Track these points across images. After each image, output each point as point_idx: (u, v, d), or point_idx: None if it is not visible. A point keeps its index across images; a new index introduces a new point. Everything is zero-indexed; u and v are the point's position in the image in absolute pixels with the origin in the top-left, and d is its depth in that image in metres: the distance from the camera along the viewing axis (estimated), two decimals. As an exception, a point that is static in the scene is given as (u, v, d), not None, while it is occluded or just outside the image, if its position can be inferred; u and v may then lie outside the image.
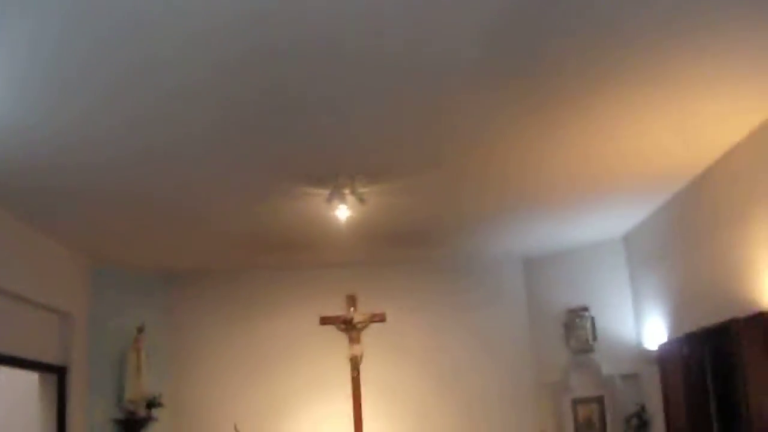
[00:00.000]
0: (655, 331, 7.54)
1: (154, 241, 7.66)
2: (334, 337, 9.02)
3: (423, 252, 8.71)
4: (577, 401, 8.52)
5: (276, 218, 6.93)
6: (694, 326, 6.49)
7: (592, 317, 8.48)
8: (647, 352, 7.69)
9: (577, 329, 8.55)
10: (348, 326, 9.02)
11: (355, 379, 8.95)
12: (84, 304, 7.83)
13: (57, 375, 7.24)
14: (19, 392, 7.33)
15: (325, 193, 6.05)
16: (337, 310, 9.03)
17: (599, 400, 8.37)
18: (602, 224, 7.81)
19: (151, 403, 8.28)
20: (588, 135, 5.30)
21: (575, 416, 8.50)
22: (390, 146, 5.42)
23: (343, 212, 6.26)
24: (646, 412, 7.84)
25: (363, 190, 6.03)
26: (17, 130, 4.63)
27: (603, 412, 8.32)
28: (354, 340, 9.02)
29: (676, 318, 7.07)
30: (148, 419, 8.30)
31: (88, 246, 7.53)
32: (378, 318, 9.03)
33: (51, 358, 7.18)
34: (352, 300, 9.10)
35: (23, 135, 4.71)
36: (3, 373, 6.83)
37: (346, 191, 6.00)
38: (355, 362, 8.97)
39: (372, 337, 9.04)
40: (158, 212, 6.67)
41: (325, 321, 9.00)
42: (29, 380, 7.14)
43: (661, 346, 7.29)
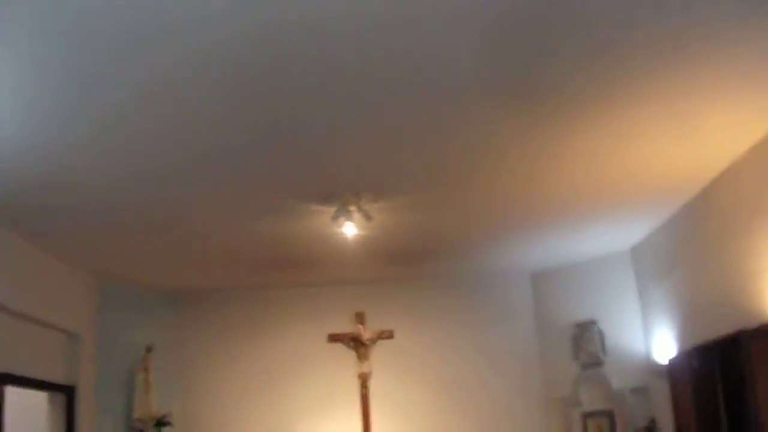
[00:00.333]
0: (664, 344, 7.51)
1: (161, 260, 7.67)
2: (343, 354, 9.02)
3: (430, 268, 8.71)
4: (587, 415, 8.48)
5: (283, 236, 6.93)
6: (703, 338, 6.46)
7: (601, 331, 8.45)
8: (656, 365, 7.66)
9: (586, 343, 8.52)
10: (356, 343, 9.04)
11: (364, 396, 8.94)
12: (91, 323, 7.83)
13: (65, 394, 7.23)
14: (28, 412, 7.30)
15: (331, 210, 6.06)
16: (345, 327, 9.04)
17: (609, 414, 8.32)
18: (610, 237, 7.80)
19: (160, 422, 8.26)
20: (594, 148, 5.30)
21: (585, 431, 8.46)
22: (395, 162, 5.43)
23: (350, 229, 6.28)
24: (656, 426, 7.78)
25: (369, 207, 6.04)
26: (23, 151, 4.66)
27: (613, 426, 8.26)
28: (362, 357, 9.03)
29: (685, 330, 7.04)
30: (157, 438, 8.29)
31: (95, 265, 7.55)
32: (386, 335, 9.05)
33: (59, 377, 7.19)
34: (360, 317, 9.10)
35: (29, 155, 4.74)
36: (12, 393, 6.81)
37: (352, 208, 6.00)
38: (364, 379, 8.97)
39: (380, 354, 9.04)
40: (165, 231, 6.69)
41: (334, 338, 9.02)
42: (38, 400, 7.12)
43: (671, 359, 7.25)
